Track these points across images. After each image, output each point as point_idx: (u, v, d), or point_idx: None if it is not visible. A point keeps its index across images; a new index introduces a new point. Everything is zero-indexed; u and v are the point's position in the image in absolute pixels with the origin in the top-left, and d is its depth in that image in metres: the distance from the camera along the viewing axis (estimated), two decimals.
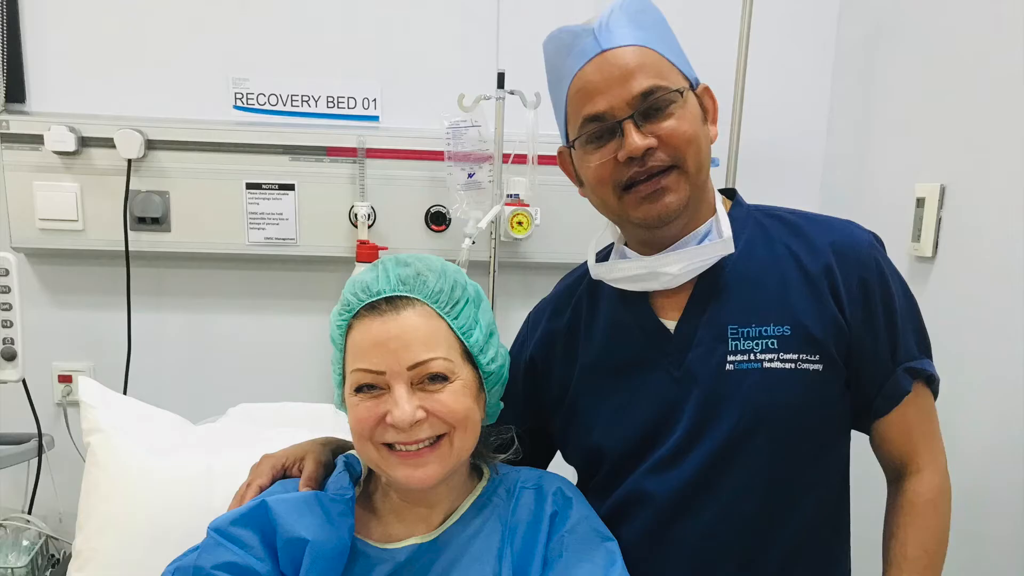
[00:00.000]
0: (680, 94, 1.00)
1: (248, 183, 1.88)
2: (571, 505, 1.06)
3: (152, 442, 1.35)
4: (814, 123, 2.04)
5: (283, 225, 1.91)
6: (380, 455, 0.98)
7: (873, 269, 1.05)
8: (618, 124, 0.99)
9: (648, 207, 1.02)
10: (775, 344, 1.03)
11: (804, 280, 1.05)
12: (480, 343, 1.02)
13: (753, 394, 1.03)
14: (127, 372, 1.90)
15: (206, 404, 1.69)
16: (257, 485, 1.07)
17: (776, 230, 1.10)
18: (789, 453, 1.04)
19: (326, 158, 1.90)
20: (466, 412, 0.98)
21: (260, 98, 1.92)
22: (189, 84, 1.90)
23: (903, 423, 1.09)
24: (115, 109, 1.87)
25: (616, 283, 1.11)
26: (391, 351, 0.95)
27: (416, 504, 1.04)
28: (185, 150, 1.86)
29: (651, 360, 1.09)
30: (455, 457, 0.99)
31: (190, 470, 1.32)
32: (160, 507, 1.29)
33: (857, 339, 1.05)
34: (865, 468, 1.16)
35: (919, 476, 1.09)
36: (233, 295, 2.00)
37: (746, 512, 1.04)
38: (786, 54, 2.00)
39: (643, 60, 0.99)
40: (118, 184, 1.83)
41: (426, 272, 1.01)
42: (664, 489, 1.06)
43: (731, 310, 1.06)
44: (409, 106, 1.94)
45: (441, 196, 1.91)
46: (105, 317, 1.94)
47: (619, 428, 1.10)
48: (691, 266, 1.05)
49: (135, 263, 1.89)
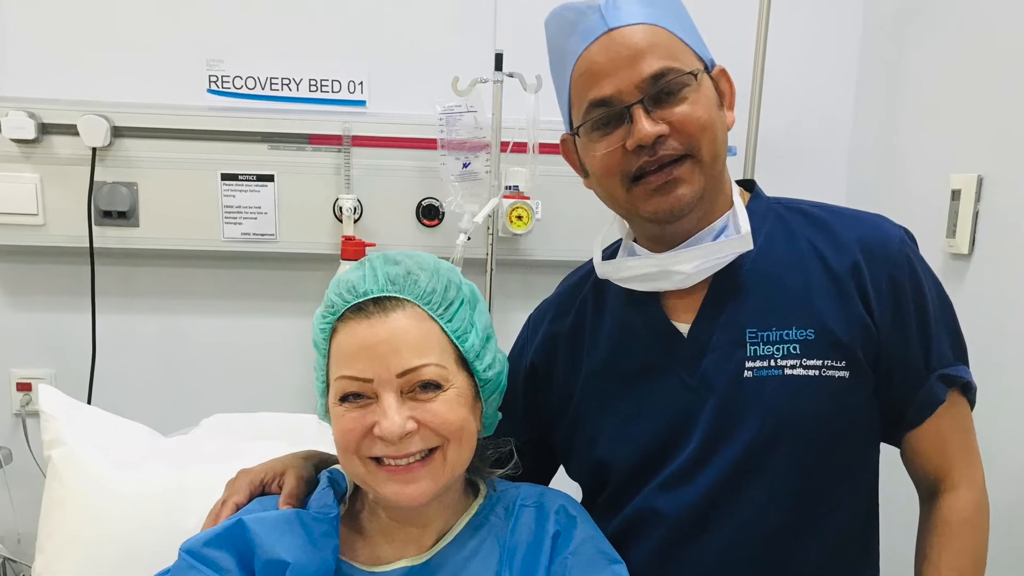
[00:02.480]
0: (694, 77, 1.00)
1: (223, 174, 1.89)
2: (575, 524, 1.06)
3: (119, 455, 1.35)
4: (839, 108, 2.04)
5: (261, 219, 1.91)
6: (367, 470, 0.98)
7: (904, 267, 1.06)
8: (626, 109, 0.99)
9: (659, 200, 1.02)
10: (797, 349, 1.03)
11: (829, 279, 1.05)
12: (476, 348, 1.02)
13: (773, 403, 1.03)
14: (91, 380, 1.90)
15: (178, 414, 1.69)
16: (233, 503, 1.07)
17: (798, 225, 1.10)
18: (812, 468, 1.04)
19: (308, 147, 1.90)
20: (461, 423, 0.98)
21: (236, 81, 1.93)
22: (159, 66, 1.90)
23: (937, 435, 1.09)
24: (78, 93, 1.87)
25: (624, 283, 1.11)
26: (379, 357, 0.95)
27: (406, 523, 1.04)
28: (155, 138, 1.86)
29: (662, 366, 1.09)
30: (449, 472, 0.99)
31: (160, 486, 1.32)
32: (127, 526, 1.29)
33: (887, 343, 1.05)
34: (896, 484, 1.16)
35: (954, 493, 1.09)
36: (207, 296, 2.00)
37: (765, 532, 1.04)
38: (809, 33, 2.00)
39: (653, 40, 0.99)
40: (82, 175, 1.83)
41: (417, 271, 1.01)
42: (676, 507, 1.06)
43: (749, 312, 1.06)
44: (399, 90, 1.95)
45: (434, 188, 1.92)
46: (67, 320, 1.94)
47: (627, 440, 1.10)
48: (706, 264, 1.05)
49: (100, 261, 1.89)
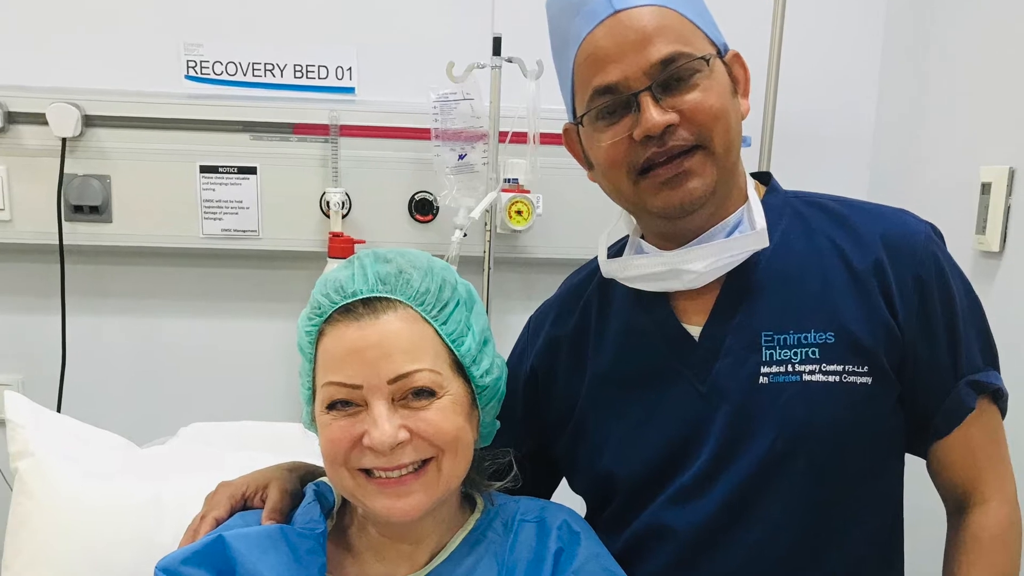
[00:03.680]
0: (706, 62, 1.00)
1: (202, 166, 1.89)
2: (579, 541, 1.06)
3: (91, 467, 1.35)
4: (861, 95, 2.04)
5: (243, 215, 1.91)
6: (356, 483, 0.98)
7: (930, 266, 1.06)
8: (633, 97, 0.99)
9: (669, 194, 1.02)
10: (816, 353, 1.03)
11: (850, 279, 1.05)
12: (473, 352, 1.02)
13: (791, 411, 1.03)
14: (61, 386, 1.90)
15: (154, 423, 1.68)
16: (212, 517, 1.07)
17: (818, 220, 1.10)
18: (833, 480, 1.04)
19: (293, 137, 1.90)
20: (456, 432, 0.98)
21: (216, 67, 1.92)
22: (134, 50, 1.90)
23: (966, 445, 1.09)
24: (47, 80, 1.86)
25: (631, 282, 1.11)
26: (369, 362, 0.95)
27: (398, 540, 1.04)
28: (129, 127, 1.86)
29: (672, 372, 1.09)
30: (444, 485, 0.99)
31: (135, 500, 1.32)
32: (100, 543, 1.29)
33: (912, 347, 1.05)
34: (921, 498, 1.16)
35: (984, 507, 1.09)
36: (185, 296, 2.00)
37: (782, 549, 1.04)
38: (828, 14, 2.00)
39: (663, 22, 0.99)
40: (51, 167, 1.83)
41: (410, 269, 1.01)
42: (687, 522, 1.06)
43: (765, 314, 1.06)
44: (390, 76, 1.94)
45: (427, 181, 1.91)
46: (35, 322, 1.94)
47: (635, 451, 1.10)
48: (718, 262, 1.05)
49: (70, 259, 1.89)
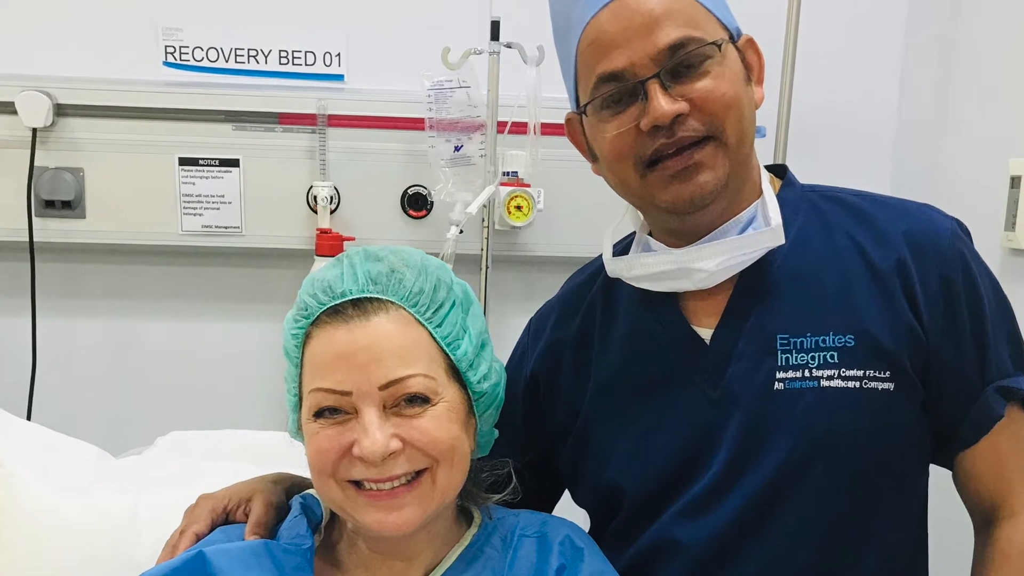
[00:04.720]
0: (717, 47, 1.00)
1: (182, 158, 1.89)
2: (582, 557, 1.05)
3: (63, 479, 1.35)
4: (883, 82, 2.04)
5: (225, 210, 1.91)
6: (345, 495, 0.98)
7: (957, 264, 1.06)
8: (640, 85, 0.99)
9: (678, 188, 1.02)
10: (835, 358, 1.03)
11: (871, 278, 1.05)
12: (469, 356, 1.02)
13: (808, 419, 1.03)
14: (31, 392, 1.89)
15: (130, 432, 1.69)
16: (192, 532, 1.06)
17: (837, 216, 1.10)
18: (852, 493, 1.04)
19: (278, 127, 1.90)
20: (452, 442, 0.98)
21: (197, 53, 1.92)
22: (108, 36, 1.90)
23: (994, 455, 1.09)
24: (16, 66, 1.86)
25: (638, 282, 1.11)
26: (359, 366, 0.95)
27: (390, 556, 1.04)
28: (103, 117, 1.85)
29: (681, 377, 1.09)
30: (438, 498, 0.99)
31: (110, 513, 1.32)
32: (73, 559, 1.28)
33: (937, 351, 1.05)
34: (947, 510, 1.16)
35: (1014, 521, 1.09)
36: (163, 297, 2.00)
37: (799, 565, 1.04)
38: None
39: (671, 5, 0.99)
40: (20, 159, 1.83)
41: (402, 268, 1.01)
42: (698, 537, 1.06)
43: (781, 316, 1.06)
44: (381, 63, 1.94)
45: (421, 174, 1.91)
46: (3, 324, 1.94)
47: (642, 462, 1.10)
48: (731, 261, 1.05)
49: (41, 257, 1.89)
